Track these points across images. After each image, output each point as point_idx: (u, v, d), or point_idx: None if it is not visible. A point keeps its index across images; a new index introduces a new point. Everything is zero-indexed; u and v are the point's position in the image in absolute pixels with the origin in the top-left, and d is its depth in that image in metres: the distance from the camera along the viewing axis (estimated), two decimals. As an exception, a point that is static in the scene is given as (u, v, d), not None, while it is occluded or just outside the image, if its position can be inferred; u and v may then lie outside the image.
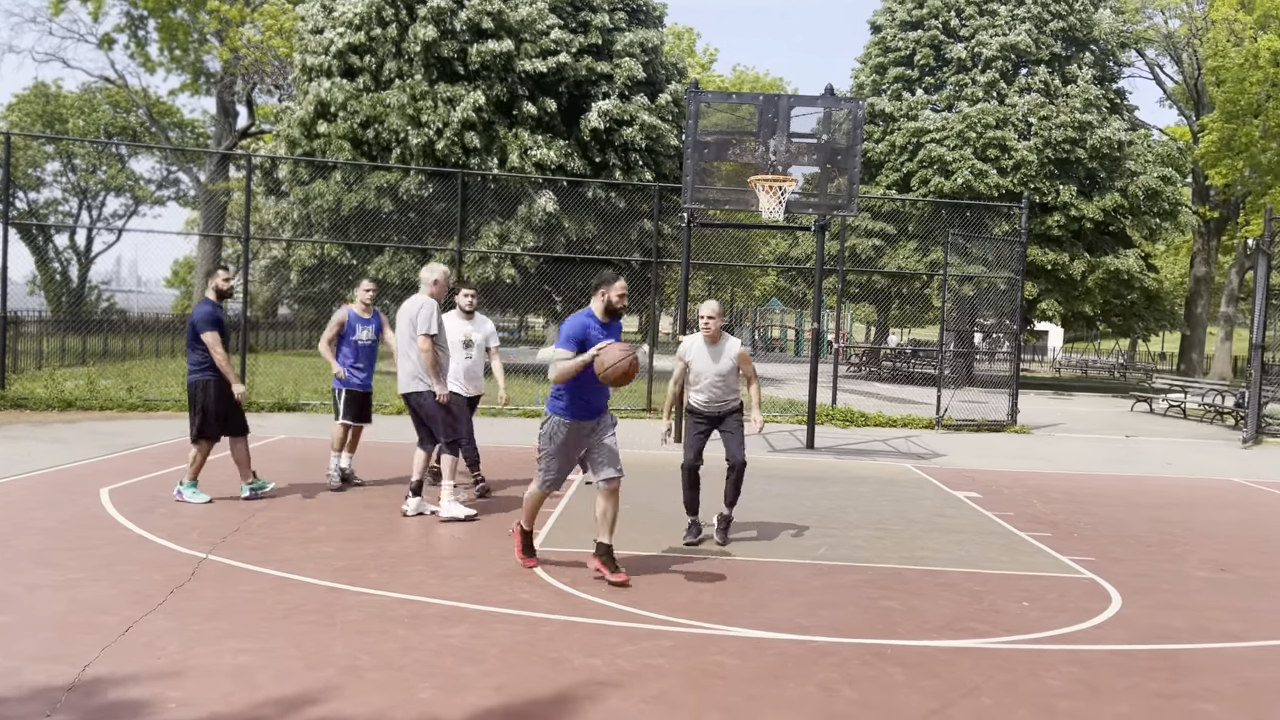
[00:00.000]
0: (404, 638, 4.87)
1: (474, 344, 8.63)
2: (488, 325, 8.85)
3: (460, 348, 8.50)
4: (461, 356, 8.51)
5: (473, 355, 8.61)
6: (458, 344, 8.46)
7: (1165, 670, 4.88)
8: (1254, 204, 33.01)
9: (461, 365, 8.48)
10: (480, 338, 8.70)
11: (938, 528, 8.22)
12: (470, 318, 8.72)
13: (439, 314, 7.60)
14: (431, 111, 19.88)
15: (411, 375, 7.61)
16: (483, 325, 8.79)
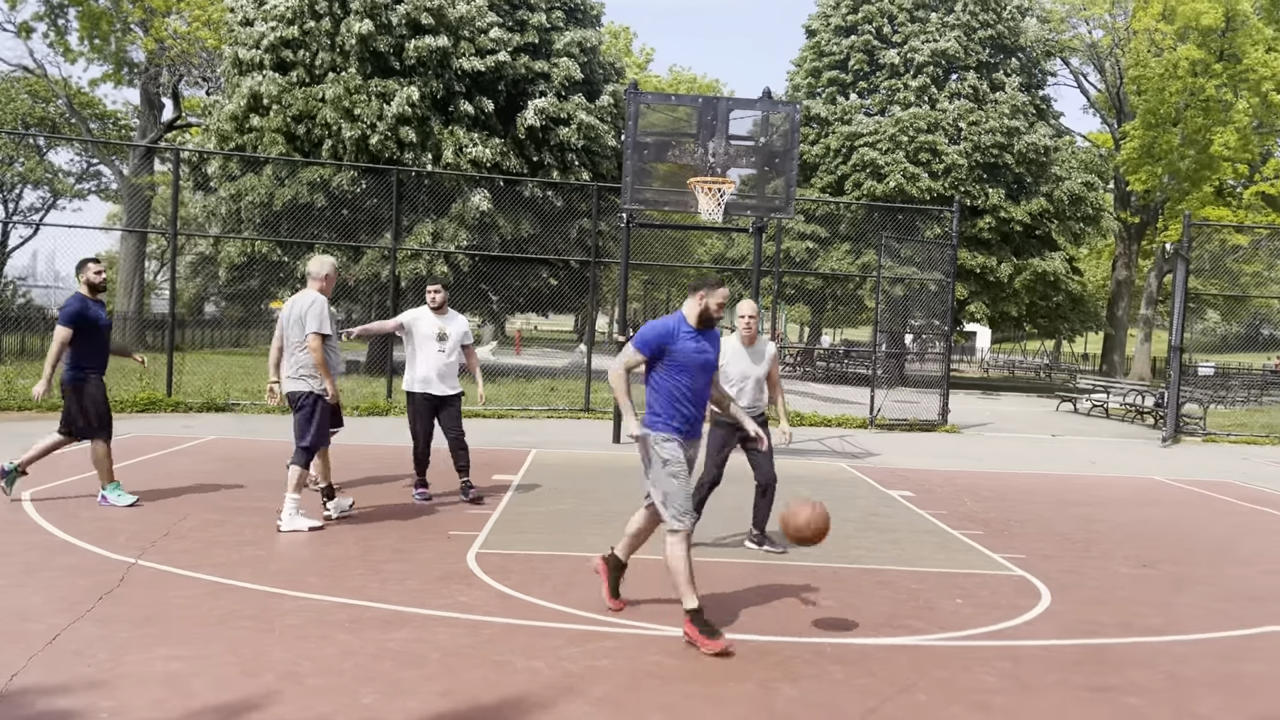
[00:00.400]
0: (344, 642, 4.80)
1: (449, 338, 8.29)
2: (461, 321, 8.53)
3: (434, 341, 8.23)
4: (434, 350, 8.23)
5: (446, 350, 8.27)
6: (430, 338, 8.22)
7: (1093, 664, 5.03)
8: (1172, 210, 34.16)
9: (435, 362, 8.21)
10: (456, 334, 8.38)
11: (873, 526, 8.36)
12: (442, 313, 8.38)
13: (329, 311, 7.20)
14: (365, 106, 19.63)
15: (293, 375, 7.19)
16: (455, 321, 8.47)
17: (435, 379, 8.21)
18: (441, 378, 8.24)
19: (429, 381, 8.22)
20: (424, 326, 8.27)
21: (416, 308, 8.47)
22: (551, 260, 21.01)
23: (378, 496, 8.59)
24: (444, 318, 8.36)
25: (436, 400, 8.27)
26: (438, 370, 8.22)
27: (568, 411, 16.25)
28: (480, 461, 10.75)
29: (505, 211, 20.37)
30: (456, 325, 8.41)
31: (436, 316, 8.33)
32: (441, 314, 8.37)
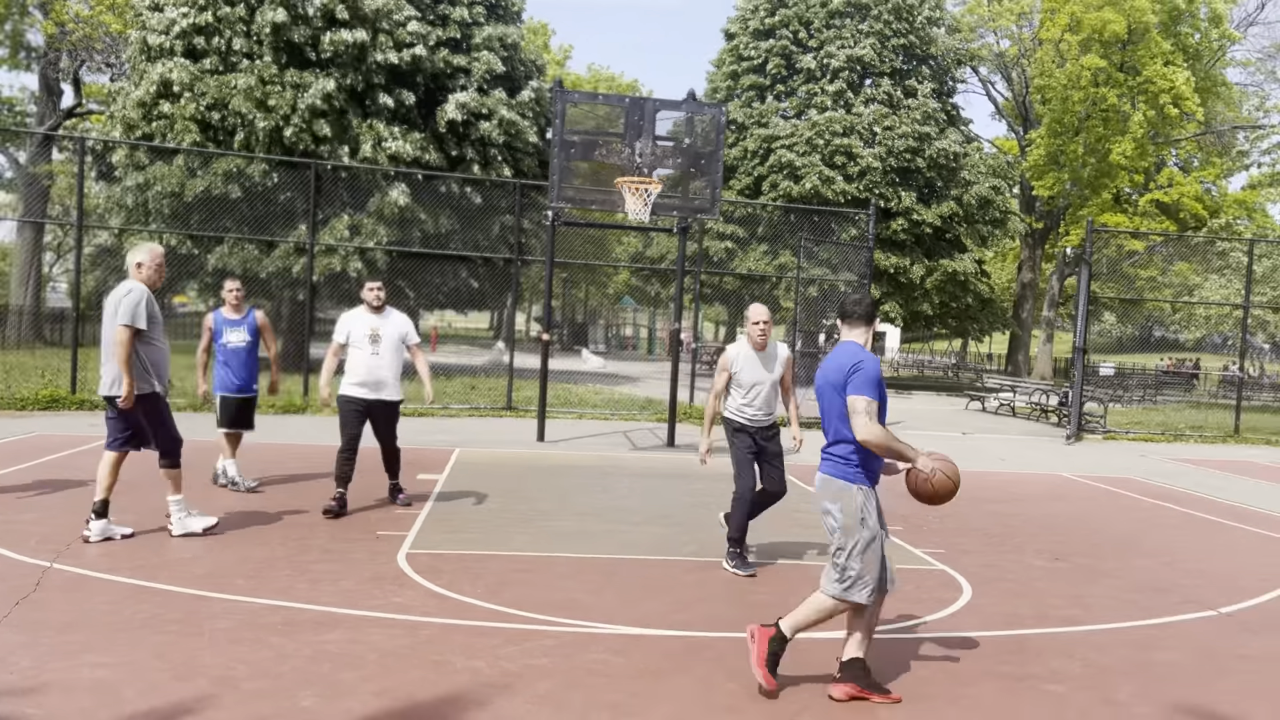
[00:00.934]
0: (278, 645, 4.72)
1: (381, 339, 7.77)
2: (402, 320, 8.01)
3: (366, 343, 7.77)
4: (366, 353, 7.76)
5: (379, 353, 7.76)
6: (363, 339, 7.78)
7: (1016, 654, 5.21)
8: (1073, 215, 35.43)
9: (365, 364, 7.75)
10: (392, 334, 7.85)
11: (798, 523, 8.51)
12: (379, 312, 7.89)
13: (149, 304, 6.45)
14: (280, 96, 19.19)
15: (115, 378, 6.48)
16: (394, 320, 7.94)
17: (365, 382, 7.78)
18: (372, 381, 7.78)
19: (360, 385, 7.80)
20: (358, 328, 7.84)
21: (352, 309, 8.02)
22: (472, 257, 20.83)
23: (303, 496, 8.43)
24: (381, 317, 7.89)
25: (366, 405, 7.81)
26: (367, 373, 7.77)
27: (489, 410, 16.14)
28: (404, 460, 10.60)
29: (425, 207, 20.12)
30: (392, 325, 7.90)
31: (373, 316, 7.88)
32: (379, 313, 7.90)
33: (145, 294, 6.47)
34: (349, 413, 7.79)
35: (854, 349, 4.52)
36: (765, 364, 6.69)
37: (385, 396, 7.85)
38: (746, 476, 6.64)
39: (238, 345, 8.60)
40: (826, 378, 4.53)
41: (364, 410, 7.81)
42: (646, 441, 13.68)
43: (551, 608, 5.57)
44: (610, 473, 10.73)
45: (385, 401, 7.87)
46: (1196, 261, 37.88)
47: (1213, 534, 9.00)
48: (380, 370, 7.78)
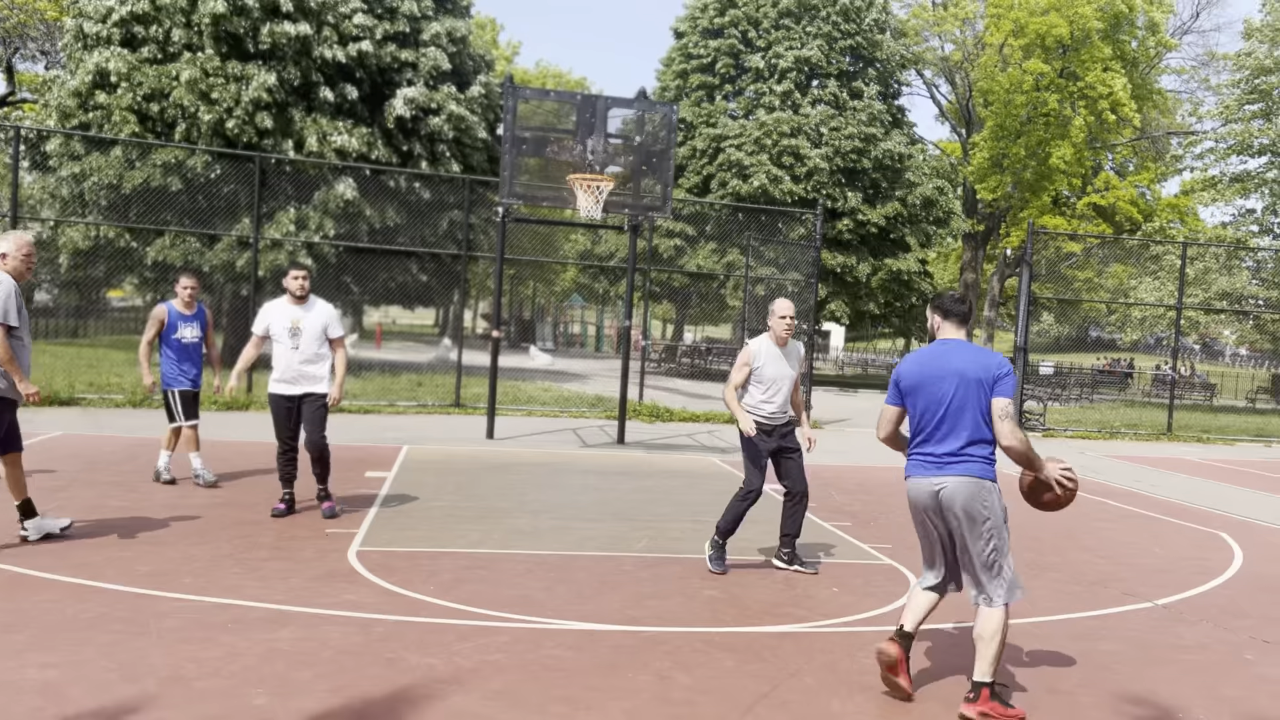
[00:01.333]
0: (229, 643, 4.65)
1: (302, 332, 7.42)
2: (325, 312, 7.57)
3: (286, 336, 7.41)
4: (287, 347, 7.40)
5: (300, 346, 7.40)
6: (284, 332, 7.42)
7: (964, 646, 5.31)
8: (1014, 217, 36.12)
9: (287, 359, 7.40)
10: (313, 326, 7.46)
11: (747, 519, 8.55)
12: (302, 302, 7.51)
13: (17, 297, 6.00)
14: (223, 89, 18.85)
15: None
16: (318, 311, 7.53)
17: (288, 378, 7.44)
18: (293, 377, 7.43)
19: (281, 381, 7.45)
20: (279, 320, 7.48)
21: (274, 299, 7.71)
22: (420, 253, 20.65)
23: (249, 493, 8.32)
24: (303, 308, 7.51)
25: (293, 401, 7.47)
26: (290, 368, 7.42)
27: (437, 407, 16.03)
28: (352, 457, 10.55)
29: (372, 201, 19.90)
30: (315, 317, 7.50)
31: (295, 307, 7.51)
32: (302, 304, 7.53)
33: (13, 287, 6.01)
34: (278, 411, 7.50)
35: (987, 350, 4.49)
36: (787, 359, 6.64)
37: (309, 390, 7.47)
38: (756, 476, 6.58)
39: (191, 340, 8.54)
40: (965, 373, 4.38)
41: (293, 407, 7.50)
42: (596, 439, 13.69)
43: (505, 604, 5.56)
44: (561, 470, 10.73)
45: (309, 395, 7.47)
46: (1131, 264, 38.85)
47: (1149, 529, 9.26)
48: (302, 365, 7.43)
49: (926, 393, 4.44)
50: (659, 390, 22.47)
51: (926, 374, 4.46)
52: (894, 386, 4.61)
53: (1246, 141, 29.44)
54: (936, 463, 4.41)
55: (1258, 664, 5.30)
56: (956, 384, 4.38)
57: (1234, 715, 4.52)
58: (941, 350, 4.51)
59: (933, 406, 4.42)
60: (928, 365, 4.48)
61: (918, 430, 4.51)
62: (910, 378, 4.51)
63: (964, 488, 4.34)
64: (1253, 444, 19.52)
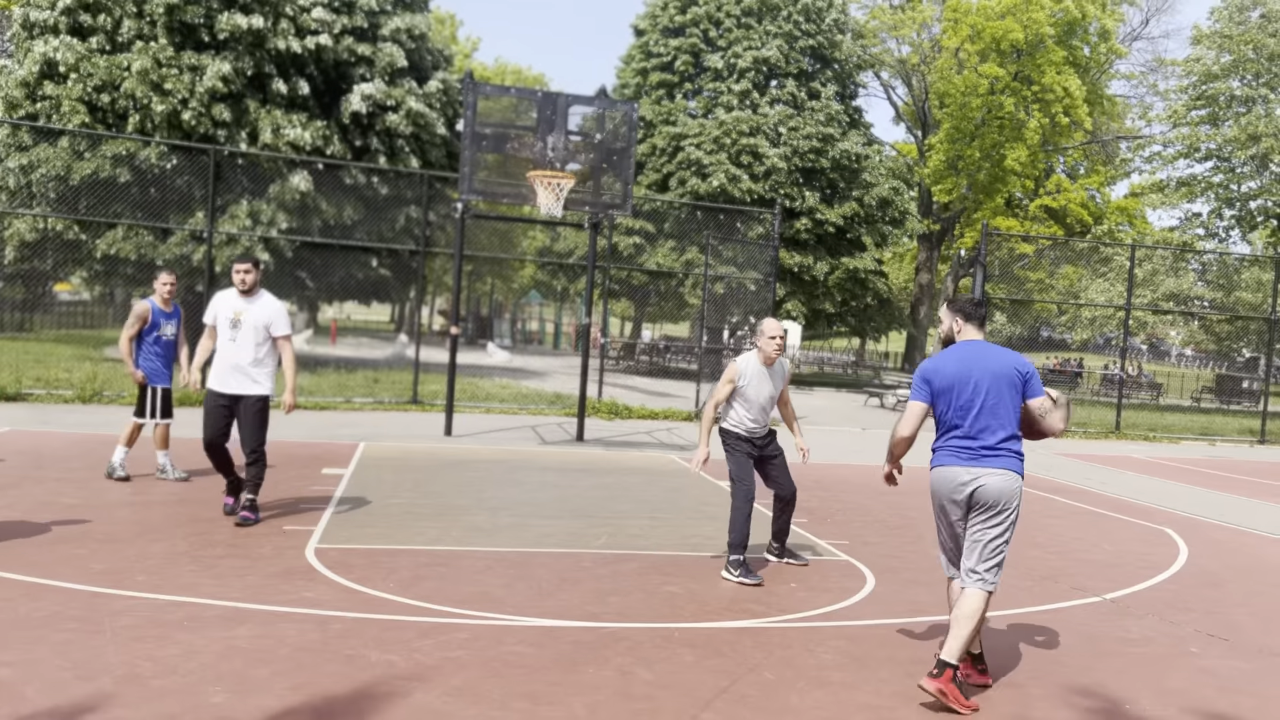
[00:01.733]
0: (185, 641, 4.61)
1: (242, 325, 7.08)
2: (271, 307, 7.23)
3: (227, 327, 7.11)
4: (225, 339, 7.10)
5: (238, 340, 7.08)
6: (225, 324, 7.14)
7: (918, 640, 5.42)
8: (969, 218, 36.61)
9: (225, 353, 7.10)
10: (254, 320, 7.12)
11: (705, 515, 8.64)
12: (248, 295, 7.19)
13: None
14: (177, 80, 18.55)
15: None
16: (262, 305, 7.20)
17: (225, 373, 7.09)
18: (228, 371, 7.09)
19: (219, 376, 7.11)
20: (223, 310, 7.18)
21: (225, 289, 7.38)
22: (377, 249, 20.49)
23: (205, 490, 8.22)
24: (248, 301, 7.18)
25: (227, 401, 7.11)
26: (225, 361, 7.09)
27: (394, 404, 15.93)
28: (308, 454, 10.47)
29: (328, 196, 19.70)
30: (257, 311, 7.15)
31: (240, 299, 7.19)
32: (248, 297, 7.20)
33: None
34: (210, 408, 7.13)
35: (1010, 351, 4.79)
36: (772, 379, 6.70)
37: (243, 390, 7.10)
38: (747, 482, 6.63)
39: (170, 338, 8.59)
40: (999, 374, 4.66)
41: (227, 407, 7.12)
42: (555, 436, 13.69)
43: (465, 601, 5.56)
44: (520, 467, 10.72)
45: (243, 396, 7.10)
46: (1082, 265, 39.55)
47: (1097, 525, 9.45)
48: (237, 359, 7.08)
49: (962, 390, 4.68)
50: (618, 388, 22.50)
51: (962, 373, 4.69)
52: (924, 385, 4.80)
53: (1194, 146, 30.09)
54: (973, 455, 4.65)
55: (1201, 656, 5.44)
56: (990, 383, 4.65)
57: (1179, 706, 4.65)
58: (972, 351, 4.77)
59: (967, 403, 4.67)
60: (962, 364, 4.71)
61: (949, 425, 4.74)
62: (945, 377, 4.72)
63: (1002, 481, 4.60)
64: (1197, 442, 19.98)
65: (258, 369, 7.12)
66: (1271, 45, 28.08)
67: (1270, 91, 28.78)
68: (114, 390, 14.61)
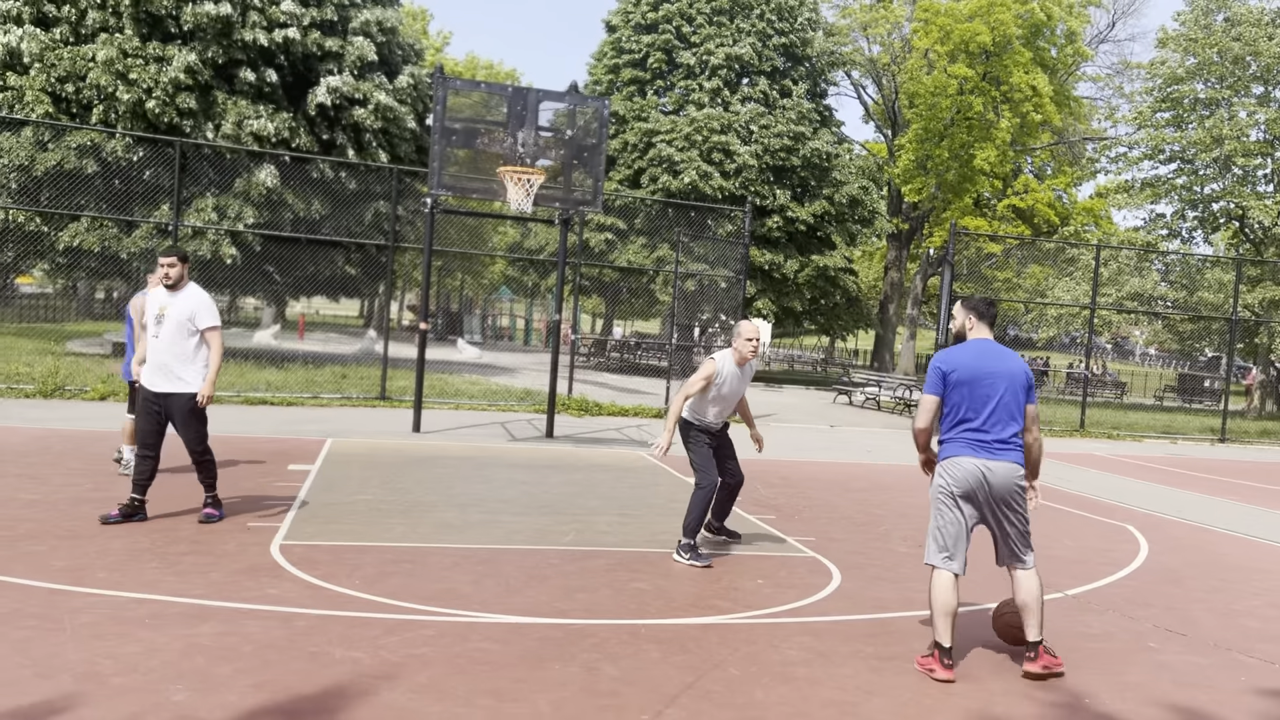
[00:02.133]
0: (147, 639, 4.57)
1: (165, 320, 6.81)
2: (194, 299, 6.89)
3: (152, 323, 6.88)
4: (150, 334, 6.87)
5: (161, 335, 6.80)
6: (151, 319, 6.89)
7: (882, 636, 5.46)
8: (938, 218, 36.89)
9: (150, 346, 6.87)
10: (178, 313, 6.82)
11: (674, 512, 8.65)
12: (174, 290, 6.88)
13: None
14: (142, 70, 18.32)
15: None
16: (185, 297, 6.88)
17: (152, 370, 6.86)
18: (153, 367, 6.86)
19: (147, 373, 6.91)
20: (151, 306, 6.95)
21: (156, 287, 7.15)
22: (345, 243, 20.34)
23: (168, 487, 8.13)
24: (172, 295, 6.90)
25: (158, 401, 6.87)
26: (154, 360, 6.86)
27: (362, 400, 15.84)
28: (275, 450, 10.39)
29: (295, 190, 19.52)
30: (181, 304, 6.85)
31: (165, 294, 6.92)
32: (174, 291, 6.90)
33: None
34: (141, 404, 6.92)
35: (1014, 353, 5.13)
36: (744, 378, 7.05)
37: (170, 389, 6.82)
38: (711, 472, 6.91)
39: None
40: (1014, 376, 5.00)
41: (159, 408, 6.87)
42: (525, 433, 13.67)
43: (431, 598, 5.55)
44: (489, 464, 10.69)
45: (169, 394, 6.83)
46: (1048, 265, 39.97)
47: (1060, 521, 9.57)
48: (160, 355, 6.82)
49: (978, 385, 4.97)
50: (588, 384, 22.49)
51: (980, 369, 4.98)
52: (940, 379, 5.03)
53: (1158, 148, 30.48)
54: (987, 447, 4.95)
55: (1160, 651, 5.53)
56: (1007, 382, 4.98)
57: (1138, 700, 4.72)
58: (988, 349, 5.08)
59: (983, 398, 4.96)
60: (980, 361, 5.01)
61: (961, 418, 5.00)
62: (964, 371, 4.98)
63: (1010, 473, 4.95)
64: (1159, 440, 20.27)
65: (184, 366, 6.83)
66: (1236, 49, 28.49)
67: (1234, 95, 29.21)
68: (76, 385, 14.42)
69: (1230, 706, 4.72)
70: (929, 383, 5.08)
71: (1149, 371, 56.16)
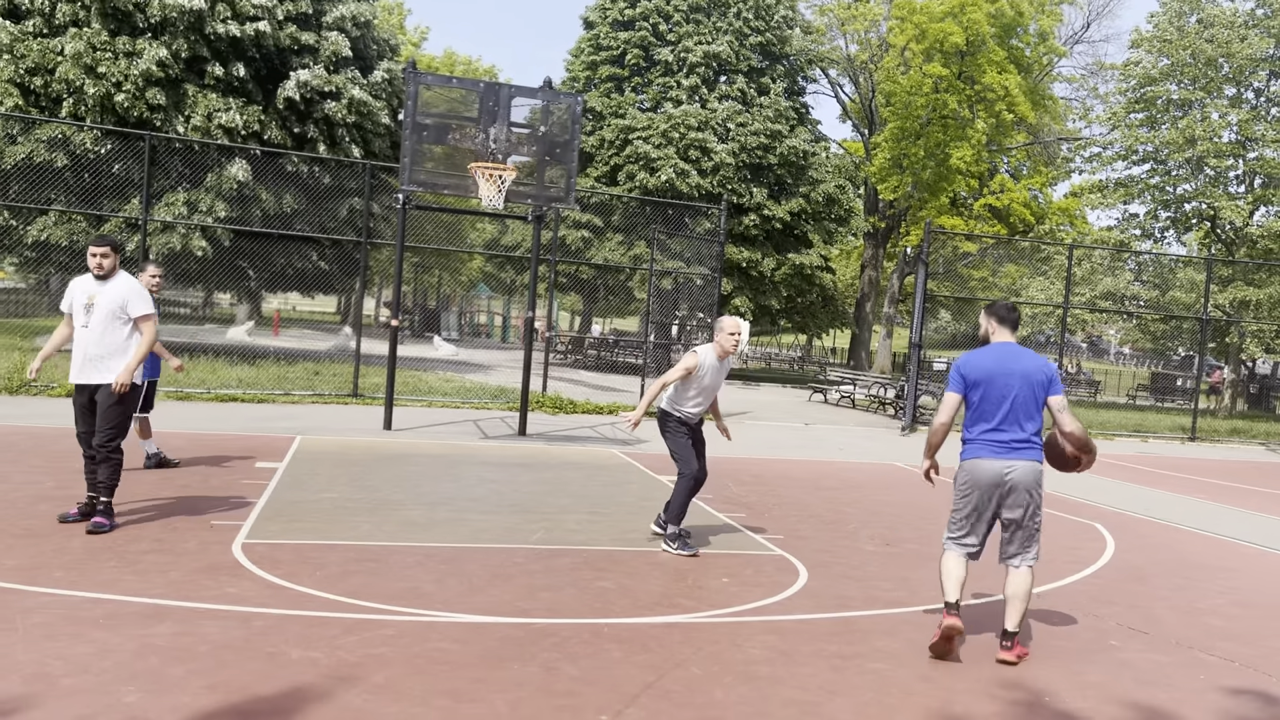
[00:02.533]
0: (100, 639, 4.50)
1: (94, 309, 6.55)
2: (125, 286, 6.64)
3: (81, 313, 6.59)
4: (79, 325, 6.59)
5: (90, 325, 6.54)
6: (80, 309, 6.61)
7: (845, 635, 5.46)
8: (914, 216, 37.04)
9: (77, 338, 6.61)
10: (108, 302, 6.56)
11: (644, 510, 8.64)
12: (104, 281, 6.62)
13: None
14: (111, 64, 18.10)
15: None
16: (115, 285, 6.62)
17: (81, 363, 6.58)
18: (82, 359, 6.57)
19: (76, 367, 6.60)
20: (78, 295, 6.64)
21: (82, 275, 6.78)
22: (319, 239, 20.18)
23: (132, 484, 8.02)
24: (101, 284, 6.62)
25: (86, 395, 6.63)
26: (83, 352, 6.57)
27: (334, 397, 15.72)
28: (243, 447, 10.30)
29: (268, 185, 19.35)
30: (112, 293, 6.59)
31: (94, 283, 6.63)
32: (104, 280, 6.63)
33: None
34: (75, 404, 6.74)
35: (1036, 354, 5.39)
36: (723, 371, 7.26)
37: (99, 380, 6.56)
38: (692, 461, 7.15)
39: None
40: (1028, 375, 5.24)
41: (88, 399, 6.64)
42: (498, 430, 13.61)
43: (393, 597, 5.50)
44: (459, 461, 10.64)
45: (100, 385, 6.58)
46: (1024, 264, 40.21)
47: (1029, 520, 9.60)
48: (89, 346, 6.55)
49: (994, 386, 5.24)
50: (564, 382, 22.43)
51: (996, 371, 5.25)
52: (960, 379, 5.35)
53: (1131, 148, 30.70)
54: (1006, 447, 5.23)
55: (1121, 650, 5.56)
56: (1020, 383, 5.22)
57: (1098, 699, 4.74)
58: (1006, 352, 5.33)
59: (999, 399, 5.23)
60: (998, 363, 5.28)
61: (979, 417, 5.31)
62: (980, 372, 5.28)
63: (1030, 471, 5.23)
64: (1130, 439, 20.43)
65: (117, 357, 6.58)
66: (1208, 50, 28.73)
67: (1206, 96, 29.46)
68: (43, 381, 14.24)
69: (1189, 705, 4.75)
70: (951, 382, 5.42)
71: (1123, 370, 56.66)
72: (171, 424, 11.16)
